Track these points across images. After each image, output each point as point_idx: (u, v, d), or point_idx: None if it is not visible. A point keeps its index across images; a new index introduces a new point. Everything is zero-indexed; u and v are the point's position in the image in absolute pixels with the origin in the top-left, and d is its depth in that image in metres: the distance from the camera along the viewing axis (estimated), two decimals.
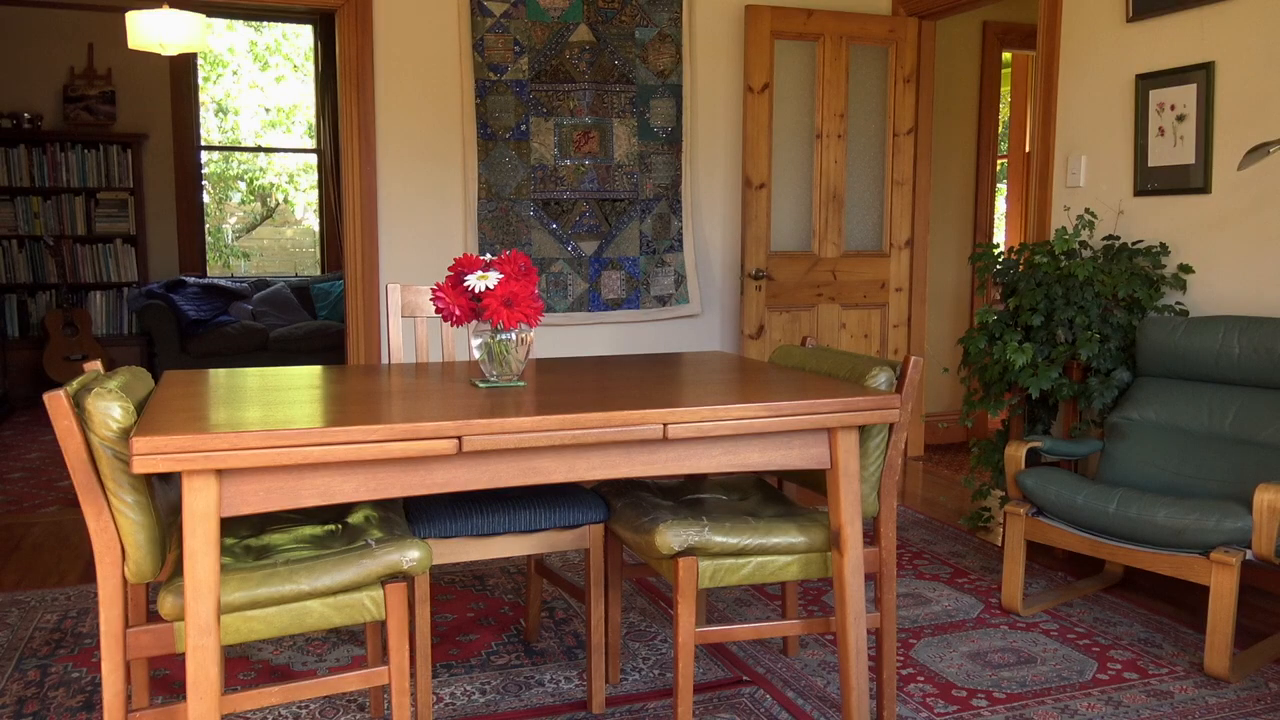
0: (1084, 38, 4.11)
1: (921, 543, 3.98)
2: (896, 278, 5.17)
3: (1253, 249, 3.47)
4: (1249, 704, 2.61)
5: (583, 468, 2.07)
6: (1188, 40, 3.67)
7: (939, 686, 2.71)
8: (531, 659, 2.87)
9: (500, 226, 4.64)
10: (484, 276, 2.22)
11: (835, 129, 4.98)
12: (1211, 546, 2.75)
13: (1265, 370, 3.16)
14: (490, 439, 1.93)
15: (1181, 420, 3.33)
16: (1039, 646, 2.97)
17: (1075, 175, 4.17)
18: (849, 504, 2.24)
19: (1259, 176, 3.43)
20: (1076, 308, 3.58)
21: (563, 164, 4.70)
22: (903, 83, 5.06)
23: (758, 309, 4.89)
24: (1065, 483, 3.13)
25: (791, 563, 2.32)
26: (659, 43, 4.79)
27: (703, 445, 2.14)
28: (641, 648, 2.95)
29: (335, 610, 1.98)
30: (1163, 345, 3.41)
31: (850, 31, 4.94)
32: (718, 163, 5.02)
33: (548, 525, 2.43)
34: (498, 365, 2.31)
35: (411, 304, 3.01)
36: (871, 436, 2.36)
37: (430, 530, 2.33)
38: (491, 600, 3.32)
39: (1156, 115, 3.78)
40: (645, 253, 4.86)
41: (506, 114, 4.60)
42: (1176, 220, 3.74)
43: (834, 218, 5.02)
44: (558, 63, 4.64)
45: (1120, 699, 2.64)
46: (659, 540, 2.22)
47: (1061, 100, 4.23)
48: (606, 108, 4.73)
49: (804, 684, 2.72)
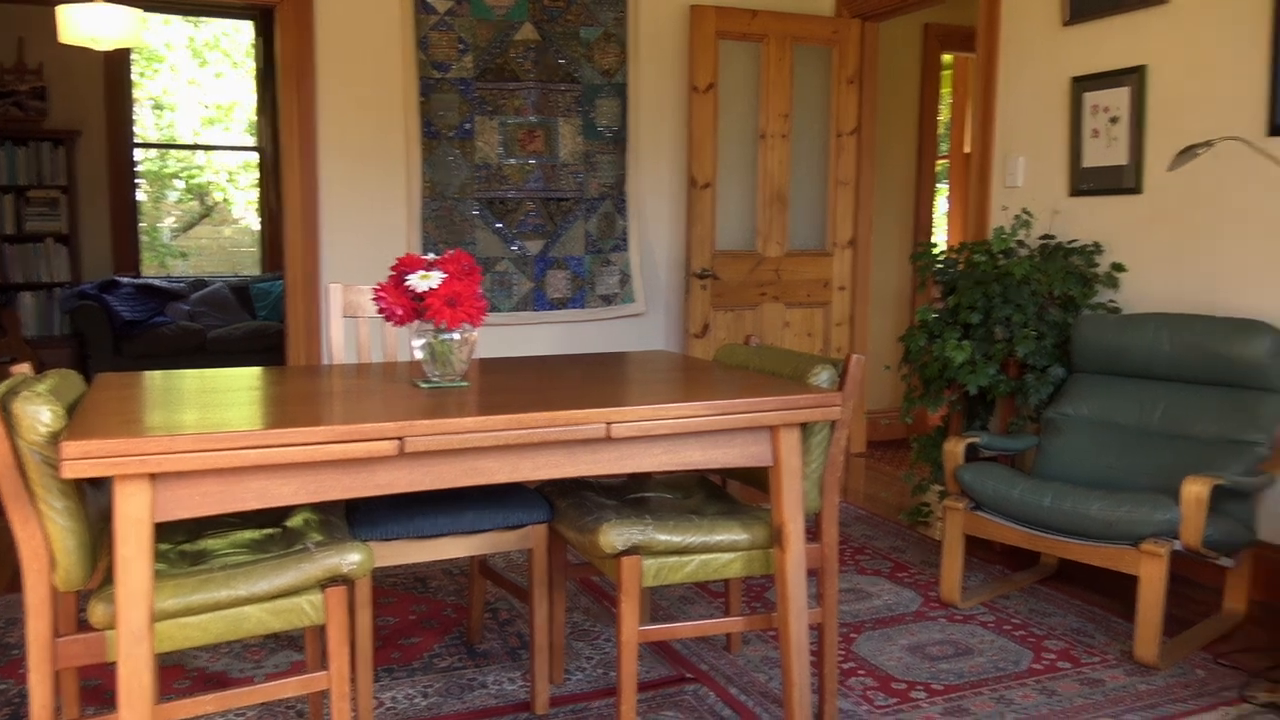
0: (1022, 41, 4.19)
1: (863, 538, 4.03)
2: (839, 277, 5.23)
3: (1182, 248, 3.57)
4: (1176, 690, 2.69)
5: (526, 468, 2.07)
6: (1121, 44, 3.76)
7: (879, 679, 2.75)
8: (474, 661, 2.85)
9: (444, 225, 4.61)
10: (427, 276, 2.21)
11: (779, 129, 5.02)
12: (1141, 538, 2.82)
13: (1193, 366, 3.25)
14: (432, 440, 1.92)
15: (1114, 415, 3.41)
16: (976, 638, 3.03)
17: (1013, 176, 4.25)
18: (791, 501, 2.26)
19: (1188, 177, 3.53)
20: (1014, 306, 3.65)
21: (507, 163, 4.68)
22: (846, 83, 5.11)
23: (702, 308, 4.91)
24: (1002, 478, 3.19)
25: (734, 560, 2.34)
26: (604, 42, 4.79)
27: (646, 444, 2.15)
28: (585, 647, 2.95)
29: (273, 615, 1.95)
30: (1096, 342, 3.49)
31: (794, 32, 4.98)
32: (663, 162, 5.04)
33: (491, 526, 2.42)
34: (440, 365, 2.30)
35: (353, 304, 2.98)
36: (813, 434, 2.39)
37: (372, 533, 2.31)
38: (434, 602, 3.30)
39: (1091, 117, 3.87)
40: (590, 252, 4.86)
41: (451, 112, 4.57)
42: (1110, 220, 3.83)
43: (778, 217, 5.06)
44: (502, 61, 4.62)
45: (1054, 688, 2.69)
46: (602, 539, 2.22)
47: (1000, 102, 4.31)
48: (552, 107, 4.72)
49: (747, 680, 2.74)
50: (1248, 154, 3.27)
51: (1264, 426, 3.08)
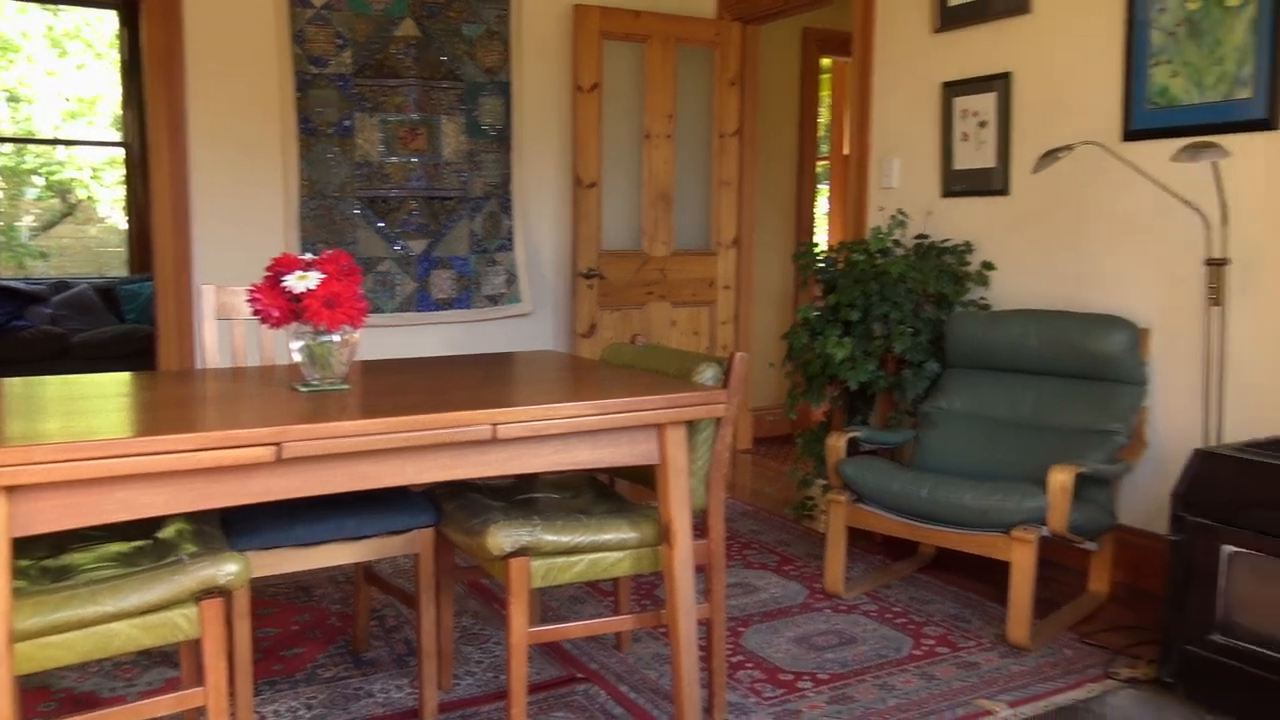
0: (895, 47, 4.32)
1: (750, 533, 4.09)
2: (724, 276, 5.30)
3: (1047, 247, 3.73)
4: (1046, 669, 2.81)
5: (411, 471, 2.04)
6: (988, 52, 3.91)
7: (767, 671, 2.80)
8: (361, 669, 2.79)
9: (324, 225, 4.49)
10: (304, 276, 2.15)
11: (664, 129, 5.06)
12: (1012, 525, 2.94)
13: (1058, 359, 3.41)
14: (312, 444, 1.87)
15: (986, 408, 3.55)
16: (859, 627, 3.11)
17: (889, 177, 4.38)
18: (678, 499, 2.28)
19: (1051, 180, 3.69)
20: (891, 303, 3.76)
21: (389, 161, 4.59)
22: (728, 85, 5.19)
23: (589, 307, 4.91)
24: (882, 470, 3.28)
25: (623, 559, 2.34)
26: (487, 40, 4.74)
27: (533, 445, 2.14)
28: (475, 651, 2.92)
29: (144, 631, 1.87)
30: (968, 338, 3.62)
31: (677, 33, 5.03)
32: (548, 161, 5.02)
33: (375, 531, 2.37)
34: (320, 368, 2.24)
35: (227, 305, 2.88)
36: (699, 431, 2.41)
37: (249, 542, 2.24)
38: (318, 611, 3.22)
39: (961, 121, 4.02)
40: (476, 252, 4.81)
41: (329, 109, 4.45)
42: (980, 220, 3.98)
43: (663, 217, 5.10)
44: (383, 57, 4.53)
45: (933, 672, 2.79)
46: (490, 541, 2.20)
47: (876, 105, 4.43)
48: (434, 104, 4.65)
49: (637, 678, 2.75)
50: (1105, 157, 3.44)
51: (1122, 416, 3.25)
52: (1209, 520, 2.53)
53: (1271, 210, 3.05)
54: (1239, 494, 2.49)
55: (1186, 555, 2.58)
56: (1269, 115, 3.03)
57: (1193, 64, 3.20)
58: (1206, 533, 2.54)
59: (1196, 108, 3.20)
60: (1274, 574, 2.41)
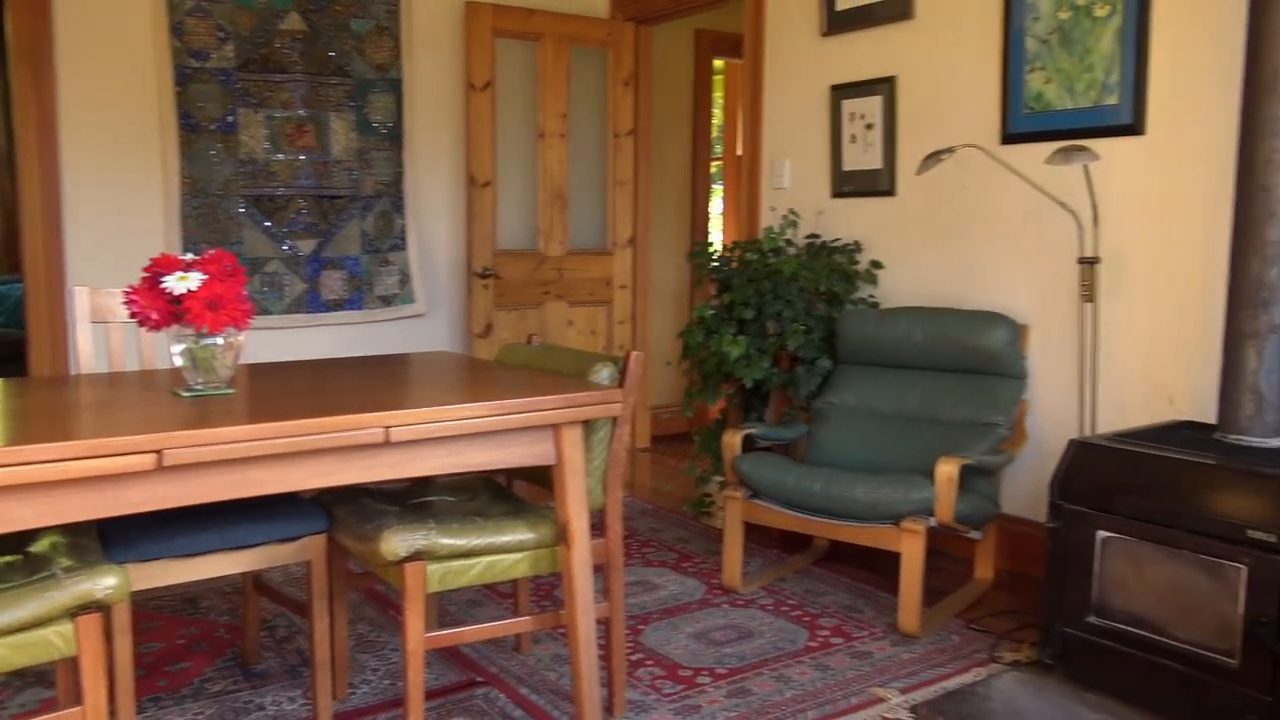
0: (785, 49, 4.39)
1: (649, 531, 4.11)
2: (620, 275, 5.32)
3: (930, 246, 3.85)
4: (935, 656, 2.90)
5: (299, 477, 1.99)
6: (873, 56, 4.01)
7: (667, 668, 2.81)
8: (251, 682, 2.71)
9: (207, 224, 4.34)
10: (184, 278, 2.08)
11: (558, 128, 5.04)
12: (902, 516, 3.02)
13: (942, 355, 3.52)
14: (194, 451, 1.80)
15: (875, 403, 3.64)
16: (757, 621, 3.16)
17: (780, 178, 4.46)
18: (575, 498, 2.28)
19: (935, 181, 3.81)
20: (784, 302, 3.83)
21: (275, 159, 4.46)
22: (621, 85, 5.20)
23: (485, 308, 4.87)
24: (777, 466, 3.34)
25: (521, 560, 2.33)
26: (376, 35, 4.65)
27: (427, 447, 2.11)
28: (371, 659, 2.86)
29: (15, 650, 1.78)
30: (857, 335, 3.71)
31: (570, 33, 5.02)
32: (441, 160, 4.95)
33: (264, 539, 2.30)
34: (203, 372, 2.17)
35: (103, 308, 2.76)
36: (596, 431, 2.41)
37: (129, 554, 2.15)
38: (205, 624, 3.11)
39: (849, 123, 4.11)
40: (367, 251, 4.72)
41: (211, 104, 4.31)
42: (868, 220, 4.08)
43: (559, 216, 5.09)
44: (267, 52, 4.40)
45: (828, 663, 2.85)
46: (384, 547, 2.16)
47: (767, 107, 4.50)
48: (322, 101, 4.55)
49: (537, 679, 2.74)
50: (985, 160, 3.56)
51: (1004, 409, 3.37)
52: (1084, 507, 2.65)
53: (1137, 212, 3.21)
54: (1111, 481, 2.61)
55: (1064, 541, 2.69)
56: (1135, 121, 3.18)
57: (1065, 71, 3.34)
58: (1082, 519, 2.65)
59: (1069, 113, 3.34)
60: (1143, 557, 2.54)
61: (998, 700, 2.61)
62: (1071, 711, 2.54)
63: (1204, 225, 3.05)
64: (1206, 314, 3.05)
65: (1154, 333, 3.19)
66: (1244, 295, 2.61)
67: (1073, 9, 3.30)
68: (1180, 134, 3.09)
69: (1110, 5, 3.21)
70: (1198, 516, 2.42)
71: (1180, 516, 2.45)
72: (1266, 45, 2.52)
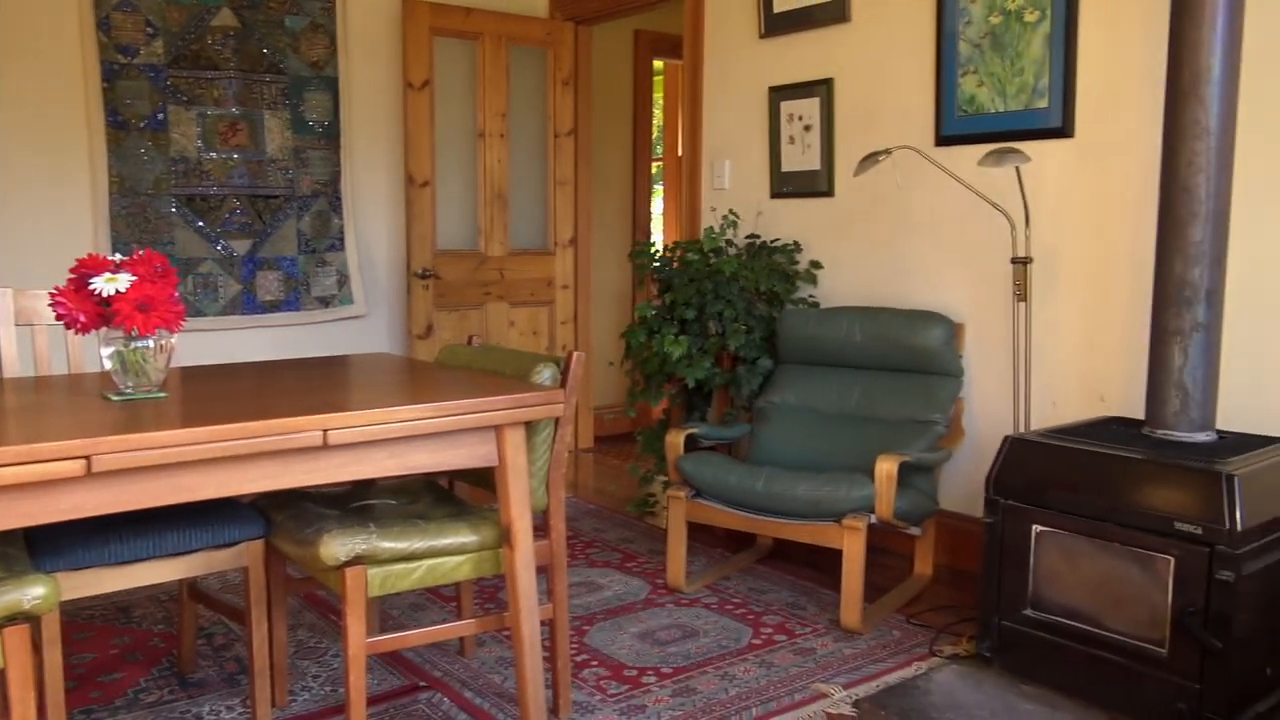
0: (725, 51, 4.42)
1: (593, 531, 4.11)
2: (562, 275, 5.30)
3: (868, 246, 3.90)
4: (877, 651, 2.94)
5: (236, 482, 1.95)
6: (811, 58, 4.05)
7: (611, 669, 2.81)
8: (187, 691, 2.65)
9: (137, 224, 4.24)
10: (113, 279, 2.02)
11: (498, 128, 5.01)
12: (843, 514, 3.06)
13: (881, 354, 3.57)
14: (125, 457, 1.76)
15: (816, 402, 3.68)
16: (701, 620, 3.17)
17: (720, 178, 4.48)
18: (518, 500, 2.27)
19: (872, 182, 3.86)
20: (725, 301, 3.85)
21: (208, 157, 4.37)
22: (561, 85, 5.19)
23: (425, 308, 4.82)
24: (719, 465, 3.35)
25: (464, 563, 2.31)
26: (311, 33, 4.58)
27: (367, 450, 2.08)
28: (311, 665, 2.82)
29: None
30: (798, 334, 3.74)
31: (509, 32, 5.00)
32: (379, 159, 4.89)
33: (199, 546, 2.25)
34: (133, 376, 2.11)
35: (27, 310, 2.68)
36: (538, 432, 2.40)
37: (59, 562, 2.09)
38: (139, 633, 3.04)
39: (787, 125, 4.15)
40: (304, 252, 4.64)
41: (140, 101, 4.21)
42: (807, 220, 4.12)
43: (499, 216, 5.06)
44: (198, 48, 4.31)
45: (772, 660, 2.87)
46: (323, 551, 2.13)
47: (707, 108, 4.53)
48: (256, 98, 4.46)
49: (482, 682, 2.72)
50: (921, 162, 3.62)
51: (942, 407, 3.43)
52: (1019, 502, 2.70)
53: (1066, 213, 3.29)
54: (1045, 477, 2.66)
55: (1000, 536, 2.74)
56: (1064, 124, 3.25)
57: (996, 74, 3.41)
58: (1017, 514, 2.71)
59: (1001, 115, 3.41)
60: (1077, 550, 2.60)
61: (937, 693, 2.65)
62: (1009, 703, 2.59)
63: (1131, 226, 3.13)
64: (1134, 312, 3.14)
65: (1085, 331, 3.27)
66: (1169, 294, 2.68)
67: (1003, 14, 3.37)
68: (1108, 137, 3.17)
69: (1039, 11, 3.28)
70: (1127, 510, 2.48)
71: (1111, 510, 2.51)
72: (1187, 52, 2.60)
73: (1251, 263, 2.86)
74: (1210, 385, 2.68)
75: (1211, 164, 2.59)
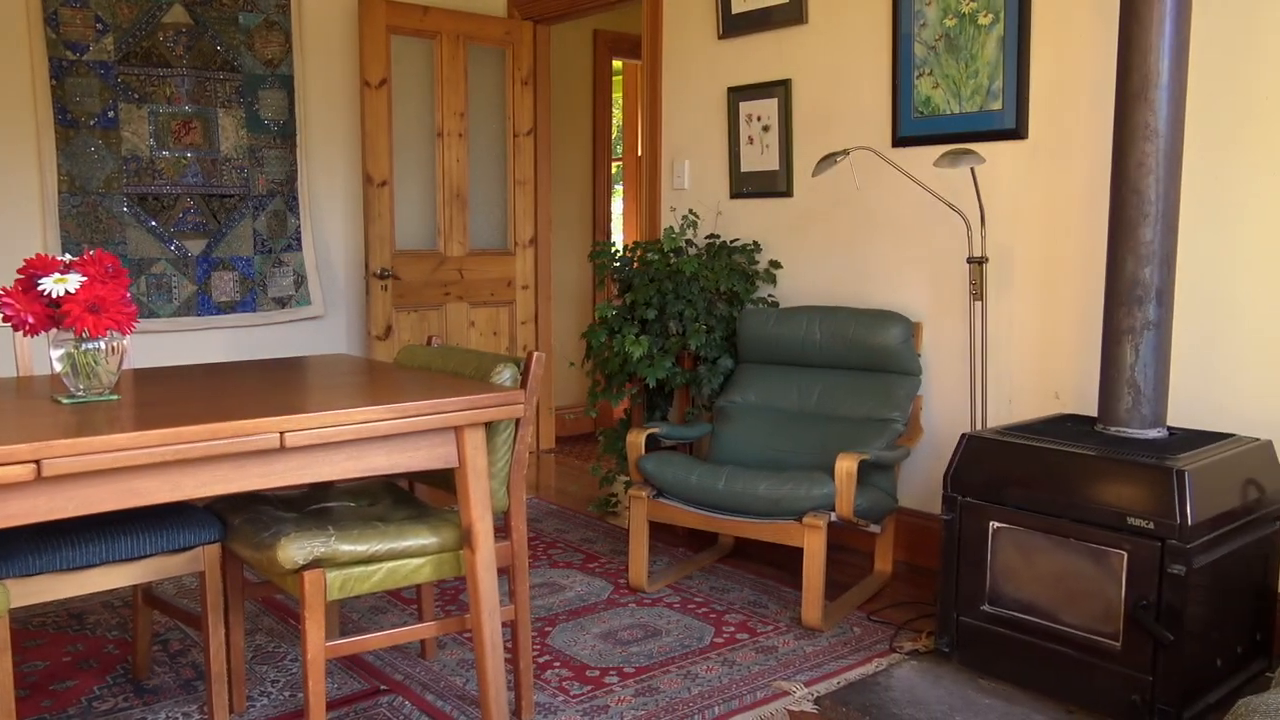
0: (683, 51, 4.43)
1: (555, 532, 4.10)
2: (522, 275, 5.29)
3: (827, 246, 3.93)
4: (838, 648, 2.96)
5: (190, 485, 1.92)
6: (769, 59, 4.07)
7: (574, 669, 2.81)
8: (143, 698, 2.61)
9: (87, 224, 4.17)
10: (62, 279, 1.99)
11: (456, 128, 4.98)
12: (804, 512, 3.08)
13: (841, 353, 3.59)
14: (76, 461, 1.73)
15: (776, 401, 3.70)
16: (664, 619, 3.17)
17: (680, 179, 4.49)
18: (479, 501, 2.25)
19: (831, 182, 3.89)
20: (685, 301, 3.86)
21: (160, 155, 4.31)
22: (520, 84, 5.17)
23: (384, 309, 4.78)
24: (681, 464, 3.36)
25: (424, 565, 2.29)
26: (266, 30, 4.53)
27: (325, 452, 2.06)
28: (270, 670, 2.78)
29: None
30: (758, 334, 3.76)
31: (468, 31, 4.97)
32: (336, 159, 4.85)
33: (154, 550, 2.22)
34: (84, 378, 2.08)
35: None
36: (498, 432, 2.39)
37: (8, 569, 2.04)
38: (92, 640, 2.98)
39: (746, 125, 4.17)
40: (260, 252, 4.59)
41: (90, 98, 4.13)
42: (767, 221, 4.14)
43: (458, 216, 5.03)
44: (150, 44, 4.24)
45: (734, 658, 2.88)
46: (281, 555, 2.10)
47: (666, 108, 4.53)
48: (209, 96, 4.40)
49: (443, 685, 2.70)
50: (878, 162, 3.65)
51: (900, 405, 3.46)
52: (976, 499, 2.74)
53: (1020, 213, 3.33)
54: (1001, 474, 2.70)
55: (957, 532, 2.78)
56: (1018, 126, 3.30)
57: (951, 76, 3.45)
58: (974, 511, 2.74)
59: (956, 117, 3.45)
60: (1033, 546, 2.63)
61: (898, 689, 2.68)
62: (967, 697, 2.63)
63: (1084, 226, 3.18)
64: (1087, 311, 3.19)
65: (1040, 329, 3.31)
66: (1121, 293, 2.73)
67: (958, 16, 3.41)
68: (1060, 139, 3.22)
69: (993, 14, 3.32)
70: (1082, 506, 2.52)
71: (1066, 506, 2.55)
72: (1136, 55, 2.65)
73: (1201, 262, 2.92)
74: (1161, 382, 2.73)
75: (1161, 165, 2.64)
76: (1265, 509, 2.62)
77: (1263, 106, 2.78)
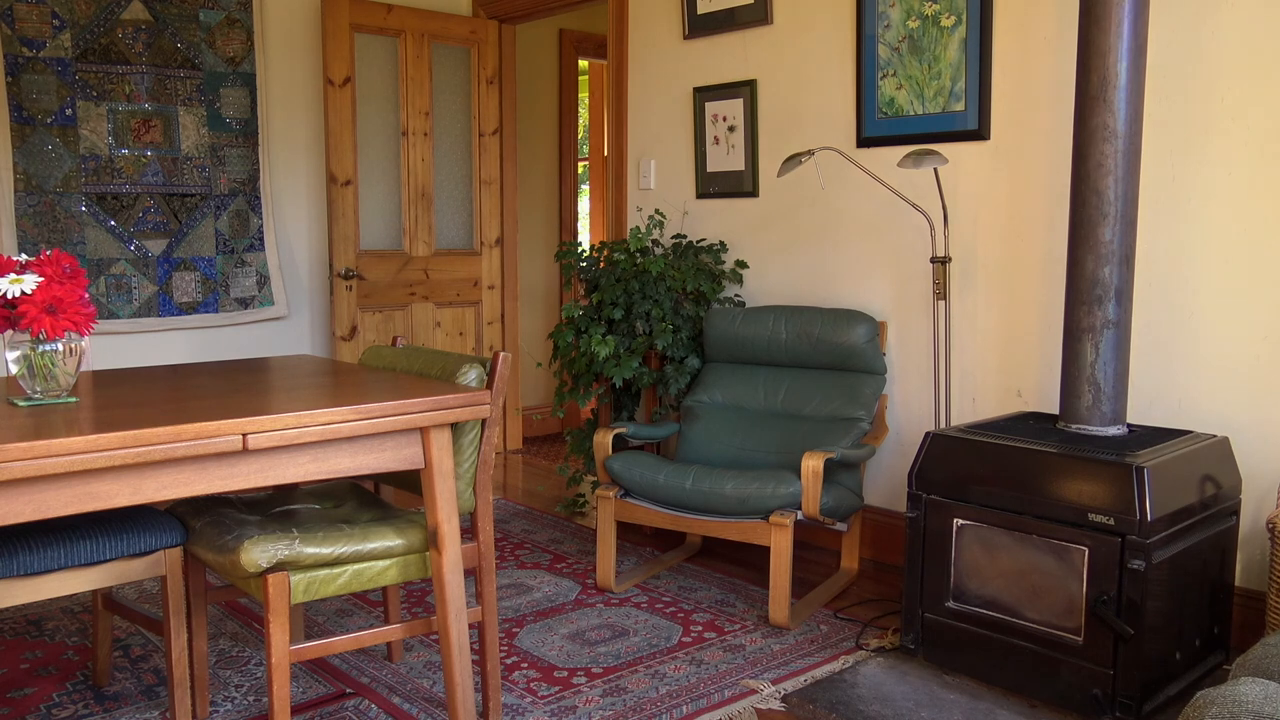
0: (649, 51, 4.43)
1: (523, 533, 4.09)
2: (489, 275, 5.27)
3: (793, 246, 3.94)
4: (805, 646, 2.97)
5: (150, 488, 1.89)
6: (734, 59, 4.08)
7: (542, 670, 2.80)
8: (103, 705, 2.57)
9: (45, 224, 4.10)
10: (18, 280, 1.95)
11: (421, 127, 4.96)
12: (770, 511, 3.09)
13: (807, 352, 3.61)
14: (33, 464, 1.70)
15: (743, 400, 3.71)
16: (631, 619, 3.17)
17: (646, 178, 4.49)
18: (445, 502, 2.24)
19: (796, 182, 3.91)
20: (652, 301, 3.86)
21: (120, 154, 4.24)
22: (486, 84, 5.15)
23: (349, 309, 4.75)
24: (648, 464, 3.36)
25: (390, 567, 2.28)
26: (227, 27, 4.48)
27: (288, 454, 2.04)
28: (234, 675, 2.75)
29: None
30: (724, 333, 3.77)
31: (432, 30, 4.94)
32: (300, 158, 4.80)
33: (113, 555, 2.18)
34: (41, 380, 2.04)
35: None
36: (464, 433, 2.38)
37: None
38: (51, 646, 2.93)
39: (712, 125, 4.18)
40: (222, 252, 4.53)
41: (46, 95, 4.06)
42: (733, 220, 4.16)
43: (424, 216, 5.00)
44: (108, 41, 4.18)
45: (702, 657, 2.89)
46: (244, 558, 2.08)
47: (632, 108, 4.53)
48: (170, 94, 4.34)
49: (410, 687, 2.69)
50: (843, 163, 3.68)
51: (866, 404, 3.48)
52: (940, 496, 2.76)
53: (982, 213, 3.37)
54: (965, 471, 2.73)
55: (922, 530, 2.80)
56: (980, 127, 3.33)
57: (914, 78, 3.48)
58: (939, 508, 2.76)
59: (920, 118, 3.48)
60: (996, 542, 2.66)
61: (864, 686, 2.69)
62: (933, 693, 2.65)
63: (1045, 226, 3.22)
64: (1048, 310, 3.23)
65: (1002, 328, 3.35)
66: (1081, 292, 2.77)
67: (921, 18, 3.44)
68: (1021, 139, 3.26)
69: (955, 15, 3.35)
70: (1043, 502, 2.55)
71: (1028, 503, 2.58)
72: (1095, 58, 2.68)
73: (1159, 262, 2.97)
74: (1121, 380, 2.77)
75: (1120, 166, 2.68)
76: (1222, 504, 2.66)
77: (1219, 108, 2.83)
